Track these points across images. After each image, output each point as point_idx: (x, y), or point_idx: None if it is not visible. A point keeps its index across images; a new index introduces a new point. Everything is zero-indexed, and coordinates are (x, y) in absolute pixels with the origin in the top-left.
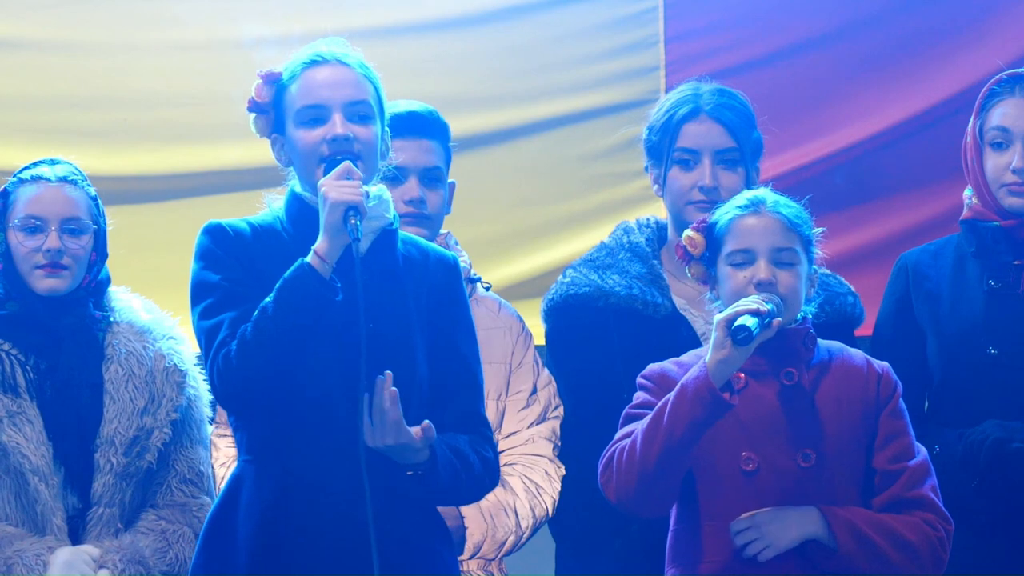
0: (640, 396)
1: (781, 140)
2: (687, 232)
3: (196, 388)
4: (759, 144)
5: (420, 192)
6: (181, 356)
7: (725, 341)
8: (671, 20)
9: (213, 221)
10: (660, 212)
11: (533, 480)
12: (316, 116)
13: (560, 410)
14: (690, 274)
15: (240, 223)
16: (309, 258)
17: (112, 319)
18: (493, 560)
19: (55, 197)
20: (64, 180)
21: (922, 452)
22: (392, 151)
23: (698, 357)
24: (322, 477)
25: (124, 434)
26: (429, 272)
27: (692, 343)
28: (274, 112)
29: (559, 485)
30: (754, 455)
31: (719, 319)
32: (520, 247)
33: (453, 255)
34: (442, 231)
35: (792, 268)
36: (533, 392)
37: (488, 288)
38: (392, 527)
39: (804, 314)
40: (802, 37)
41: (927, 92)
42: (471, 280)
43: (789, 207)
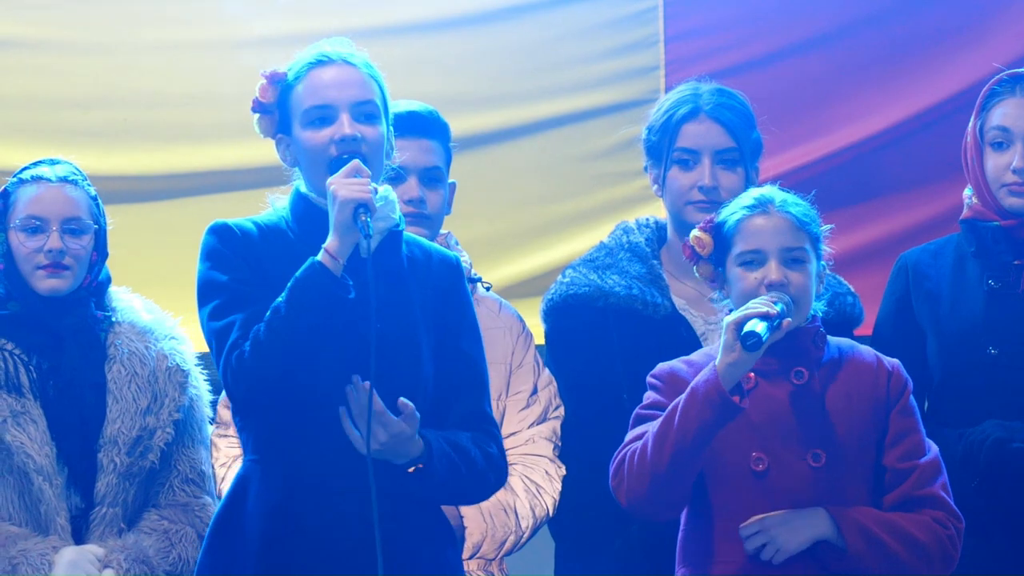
0: (650, 396)
1: (781, 140)
2: (694, 232)
3: (197, 388)
4: (758, 144)
5: (420, 192)
6: (183, 356)
7: (735, 344)
8: (671, 20)
9: (219, 221)
10: (660, 212)
11: (533, 480)
12: (323, 116)
13: (561, 410)
14: (698, 274)
15: (246, 223)
16: (320, 257)
17: (114, 319)
18: (493, 560)
19: (56, 197)
20: (65, 180)
21: (933, 449)
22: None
23: (708, 356)
24: (329, 477)
25: (127, 434)
26: (432, 273)
27: (692, 343)
28: (279, 113)
29: (560, 485)
30: (764, 455)
31: (729, 321)
32: (520, 247)
33: (456, 255)
34: (442, 231)
35: (802, 267)
36: (534, 392)
37: (488, 288)
38: (398, 527)
39: (814, 312)
40: (802, 37)
41: (927, 92)
42: (472, 280)
43: (797, 205)
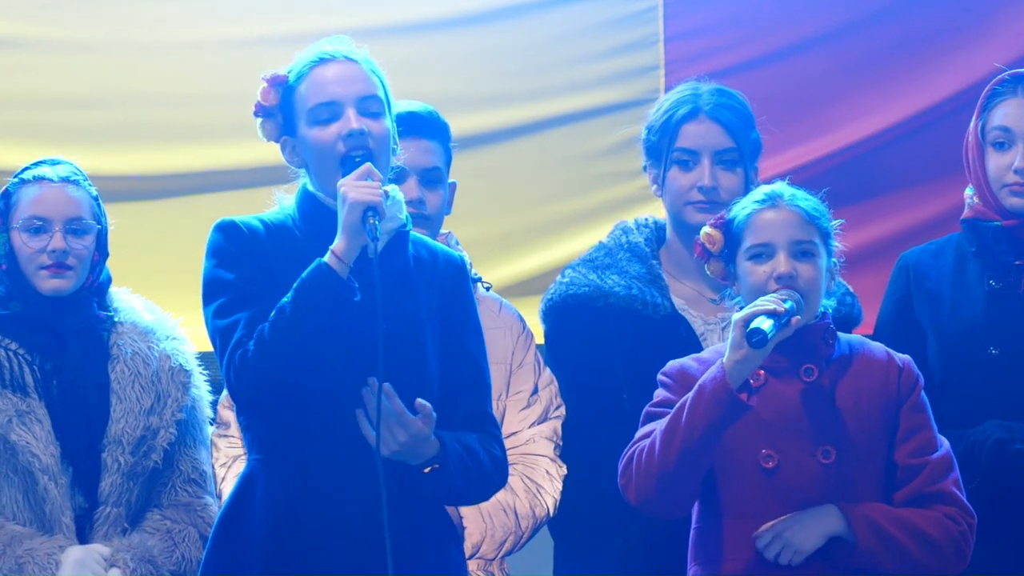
0: (660, 394)
1: (781, 140)
2: (705, 229)
3: (199, 389)
4: (758, 144)
5: (419, 193)
6: (185, 356)
7: (742, 341)
8: (671, 19)
9: (226, 218)
10: (661, 212)
11: (534, 480)
12: (329, 113)
13: (562, 410)
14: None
15: (253, 221)
16: (327, 258)
17: (116, 319)
18: (493, 560)
19: (58, 197)
20: (66, 180)
21: (944, 445)
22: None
23: (718, 354)
24: (336, 477)
25: (131, 434)
26: (439, 273)
27: (691, 343)
28: (282, 115)
29: (561, 485)
30: (774, 452)
31: (737, 318)
32: (520, 247)
33: (461, 256)
34: (442, 231)
35: (812, 260)
36: (534, 392)
37: (488, 288)
38: (404, 526)
39: (824, 309)
40: (802, 37)
41: (927, 92)
42: (472, 280)
43: (807, 200)
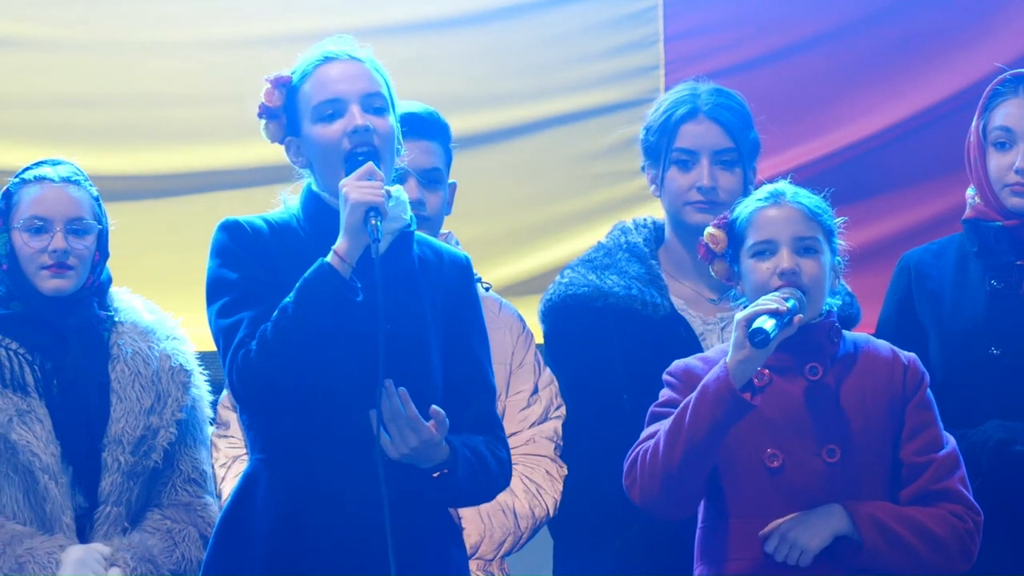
0: (665, 394)
1: (781, 139)
2: (708, 229)
3: (199, 389)
4: (756, 144)
5: (419, 193)
6: (185, 356)
7: (744, 341)
8: (671, 19)
9: (230, 218)
10: (661, 212)
11: (534, 480)
12: (333, 111)
13: (562, 410)
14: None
15: (257, 220)
16: (329, 258)
17: (116, 319)
18: (492, 560)
19: (59, 198)
20: (67, 180)
21: (950, 443)
22: None
23: (724, 354)
24: (338, 477)
25: (131, 433)
26: (444, 274)
27: (690, 343)
28: (287, 115)
29: (561, 485)
30: (779, 452)
31: (739, 318)
32: (520, 247)
33: (466, 256)
34: (443, 231)
35: (815, 256)
36: (534, 392)
37: (488, 288)
38: (407, 527)
39: (829, 307)
40: (802, 36)
41: (927, 91)
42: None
43: (809, 198)
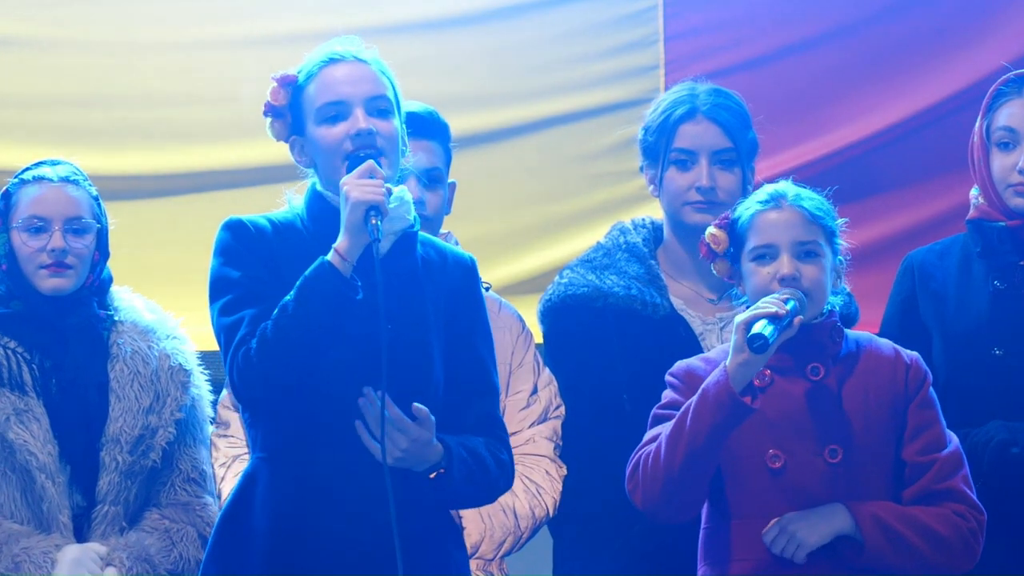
0: (668, 395)
1: (780, 139)
2: (710, 230)
3: (199, 388)
4: (755, 144)
5: (419, 193)
6: (185, 356)
7: (744, 345)
8: (671, 19)
9: (234, 217)
10: (660, 212)
11: (533, 480)
12: (337, 112)
13: (562, 410)
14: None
15: (261, 220)
16: (329, 256)
17: (116, 318)
18: (492, 560)
19: (58, 197)
20: (66, 180)
21: (954, 442)
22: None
23: (726, 354)
24: (339, 476)
25: (130, 432)
26: (448, 274)
27: (690, 343)
28: (291, 115)
29: (560, 485)
30: (781, 452)
31: (738, 321)
32: (520, 246)
33: (471, 257)
34: (443, 230)
35: (816, 260)
36: (534, 392)
37: (488, 288)
38: (406, 528)
39: (831, 307)
40: (802, 36)
41: (927, 91)
42: None
43: (811, 199)
